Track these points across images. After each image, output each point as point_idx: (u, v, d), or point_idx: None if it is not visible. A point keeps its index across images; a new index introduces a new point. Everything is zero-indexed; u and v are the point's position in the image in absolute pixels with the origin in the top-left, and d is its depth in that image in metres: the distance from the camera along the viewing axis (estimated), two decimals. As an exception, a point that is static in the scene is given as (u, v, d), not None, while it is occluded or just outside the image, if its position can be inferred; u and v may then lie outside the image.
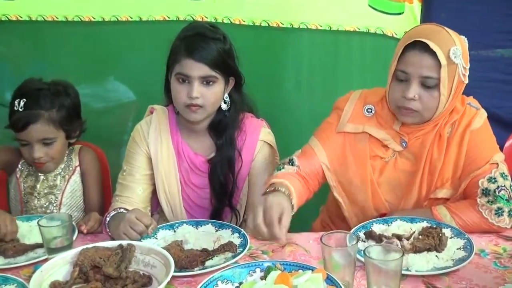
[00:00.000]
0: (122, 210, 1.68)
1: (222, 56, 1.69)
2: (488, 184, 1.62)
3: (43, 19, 2.56)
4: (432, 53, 1.57)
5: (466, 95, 1.74)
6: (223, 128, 1.79)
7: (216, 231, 1.66)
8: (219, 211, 1.84)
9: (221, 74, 1.70)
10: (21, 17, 2.57)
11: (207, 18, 2.52)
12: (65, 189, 1.96)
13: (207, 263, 1.48)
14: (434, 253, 1.47)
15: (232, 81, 1.78)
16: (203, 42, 1.67)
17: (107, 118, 2.64)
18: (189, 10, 2.53)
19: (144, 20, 2.57)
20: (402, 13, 2.45)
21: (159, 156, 1.80)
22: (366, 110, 1.77)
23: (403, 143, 1.73)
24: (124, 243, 1.42)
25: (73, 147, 2.01)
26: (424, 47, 1.57)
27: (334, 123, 1.79)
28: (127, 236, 1.51)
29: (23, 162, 1.97)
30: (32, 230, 1.67)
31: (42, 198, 1.94)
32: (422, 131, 1.70)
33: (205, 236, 1.63)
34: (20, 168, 1.98)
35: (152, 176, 1.82)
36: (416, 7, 2.44)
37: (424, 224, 1.59)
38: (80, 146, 2.03)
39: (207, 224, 1.70)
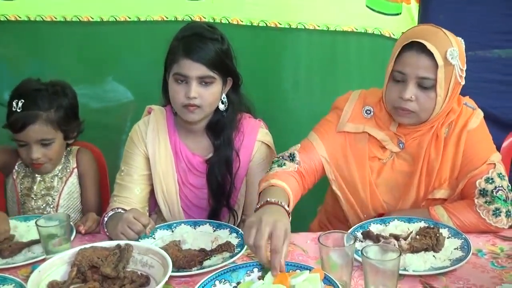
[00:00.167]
0: (120, 210, 1.68)
1: (220, 57, 1.69)
2: (485, 185, 1.62)
3: (41, 19, 2.56)
4: (429, 54, 1.57)
5: (462, 95, 1.74)
6: (220, 129, 1.79)
7: (214, 231, 1.66)
8: (217, 211, 1.84)
9: (219, 74, 1.70)
10: (19, 17, 2.56)
11: (205, 18, 2.52)
12: (62, 190, 1.95)
13: (205, 263, 1.48)
14: (432, 253, 1.47)
15: (230, 81, 1.78)
16: (201, 43, 1.67)
17: (105, 118, 2.64)
18: (187, 10, 2.53)
19: (142, 20, 2.57)
20: (400, 13, 2.45)
21: (157, 156, 1.80)
22: (365, 112, 1.77)
23: (400, 144, 1.73)
24: (122, 243, 1.41)
25: (70, 148, 2.01)
26: (421, 48, 1.58)
27: (333, 122, 1.79)
28: (125, 236, 1.51)
29: (20, 163, 1.97)
30: (30, 230, 1.67)
31: (39, 199, 1.94)
32: (419, 132, 1.70)
33: (203, 236, 1.63)
34: (17, 169, 1.97)
35: (150, 176, 1.82)
36: (413, 7, 2.44)
37: (422, 224, 1.59)
38: (77, 148, 2.03)
39: (205, 224, 1.70)
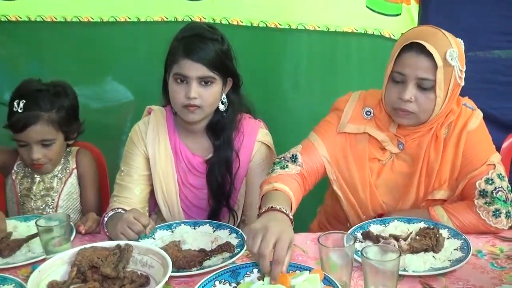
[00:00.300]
0: (120, 210, 1.68)
1: (220, 57, 1.70)
2: (485, 186, 1.62)
3: (42, 20, 2.56)
4: (429, 54, 1.57)
5: (462, 96, 1.74)
6: (220, 129, 1.79)
7: (213, 231, 1.66)
8: (217, 212, 1.84)
9: (219, 74, 1.70)
10: (20, 17, 2.57)
11: (205, 18, 2.52)
12: (61, 191, 1.95)
13: (205, 263, 1.48)
14: (431, 253, 1.47)
15: (230, 81, 1.78)
16: (201, 43, 1.67)
17: (105, 119, 2.64)
18: (187, 11, 2.53)
19: (142, 20, 2.57)
20: (400, 14, 2.46)
21: (156, 157, 1.80)
22: (365, 113, 1.77)
23: (400, 145, 1.73)
24: (122, 243, 1.41)
25: (70, 149, 2.01)
26: (421, 49, 1.58)
27: (333, 123, 1.79)
28: (125, 236, 1.51)
29: (19, 163, 1.97)
30: (30, 230, 1.67)
31: (39, 200, 1.94)
32: (418, 133, 1.70)
33: (202, 236, 1.63)
34: (16, 170, 1.97)
35: (150, 177, 1.82)
36: (413, 8, 2.44)
37: (421, 225, 1.59)
38: (77, 148, 2.03)
39: (205, 224, 1.70)
